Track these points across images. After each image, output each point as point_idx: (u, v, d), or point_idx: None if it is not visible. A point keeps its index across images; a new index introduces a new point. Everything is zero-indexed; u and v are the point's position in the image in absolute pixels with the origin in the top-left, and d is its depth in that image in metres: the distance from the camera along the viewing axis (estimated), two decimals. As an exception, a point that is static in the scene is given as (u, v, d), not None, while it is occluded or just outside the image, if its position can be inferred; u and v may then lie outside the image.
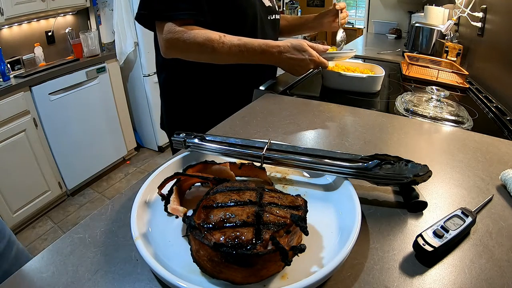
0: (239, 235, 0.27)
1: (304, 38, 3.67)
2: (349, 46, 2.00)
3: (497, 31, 1.01)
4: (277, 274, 0.29)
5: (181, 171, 0.40)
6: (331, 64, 0.92)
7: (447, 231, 0.33)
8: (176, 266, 0.29)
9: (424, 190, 0.42)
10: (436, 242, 0.31)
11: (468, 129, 0.66)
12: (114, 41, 2.18)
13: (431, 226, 0.33)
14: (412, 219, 0.38)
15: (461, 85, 1.03)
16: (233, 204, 0.30)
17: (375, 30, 2.72)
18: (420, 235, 0.32)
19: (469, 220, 0.35)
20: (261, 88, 0.90)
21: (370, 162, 0.40)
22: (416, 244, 0.32)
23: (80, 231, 0.35)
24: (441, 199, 0.41)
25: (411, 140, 0.57)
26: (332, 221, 0.36)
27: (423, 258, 0.32)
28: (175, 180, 0.38)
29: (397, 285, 0.29)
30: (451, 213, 0.36)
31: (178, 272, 0.28)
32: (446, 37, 1.40)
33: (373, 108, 0.81)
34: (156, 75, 0.99)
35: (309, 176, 0.44)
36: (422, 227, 0.34)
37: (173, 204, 0.35)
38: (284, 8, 4.12)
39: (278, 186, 0.42)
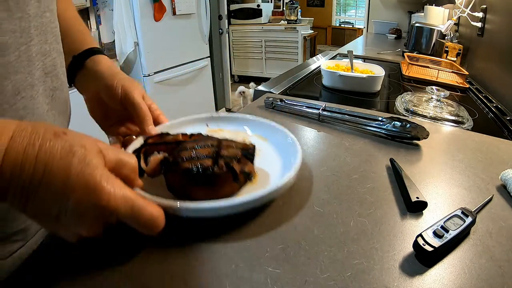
0: (201, 163, 0.35)
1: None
2: (349, 46, 1.97)
3: (497, 31, 1.01)
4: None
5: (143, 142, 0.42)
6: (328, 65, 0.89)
7: (447, 231, 0.33)
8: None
9: (424, 190, 0.42)
10: (436, 242, 0.31)
11: (468, 129, 0.66)
12: (114, 41, 2.18)
13: (431, 226, 0.33)
14: (412, 219, 0.38)
15: (461, 85, 1.03)
16: (198, 147, 0.37)
17: (375, 30, 2.72)
18: (420, 235, 0.32)
19: (469, 220, 0.35)
20: (261, 88, 0.90)
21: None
22: (416, 244, 0.32)
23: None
24: (441, 199, 0.41)
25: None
26: (280, 166, 0.43)
27: (423, 258, 0.32)
28: (142, 150, 0.40)
29: (397, 285, 0.29)
30: (451, 213, 0.36)
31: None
32: (446, 37, 1.40)
33: (373, 108, 0.81)
34: (156, 75, 0.98)
35: (266, 139, 0.49)
36: (422, 227, 0.34)
37: (145, 167, 0.38)
38: (284, 8, 4.11)
39: None
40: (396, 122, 0.56)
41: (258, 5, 4.04)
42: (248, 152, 0.38)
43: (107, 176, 0.25)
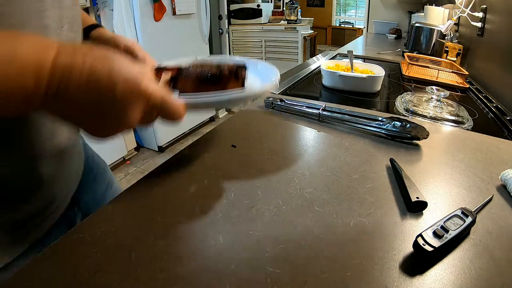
0: (209, 70, 0.43)
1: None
2: (349, 46, 1.97)
3: (497, 31, 1.01)
4: None
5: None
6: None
7: (447, 231, 0.33)
8: None
9: (424, 190, 0.42)
10: (436, 242, 0.31)
11: (468, 129, 0.66)
12: (114, 41, 2.18)
13: (431, 226, 0.33)
14: (412, 219, 0.38)
15: (461, 85, 1.03)
16: (201, 66, 0.45)
17: (375, 30, 2.72)
18: (420, 235, 0.32)
19: (469, 220, 0.35)
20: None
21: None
22: (416, 244, 0.32)
23: (80, 231, 0.35)
24: (441, 199, 0.41)
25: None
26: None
27: (423, 258, 0.32)
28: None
29: (397, 285, 0.29)
30: (451, 213, 0.36)
31: None
32: (446, 37, 1.40)
33: (373, 108, 0.81)
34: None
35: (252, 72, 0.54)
36: (422, 227, 0.34)
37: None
38: (284, 8, 4.11)
39: None
40: (396, 122, 0.56)
41: (258, 5, 4.03)
42: (241, 66, 0.46)
43: (141, 72, 0.31)
